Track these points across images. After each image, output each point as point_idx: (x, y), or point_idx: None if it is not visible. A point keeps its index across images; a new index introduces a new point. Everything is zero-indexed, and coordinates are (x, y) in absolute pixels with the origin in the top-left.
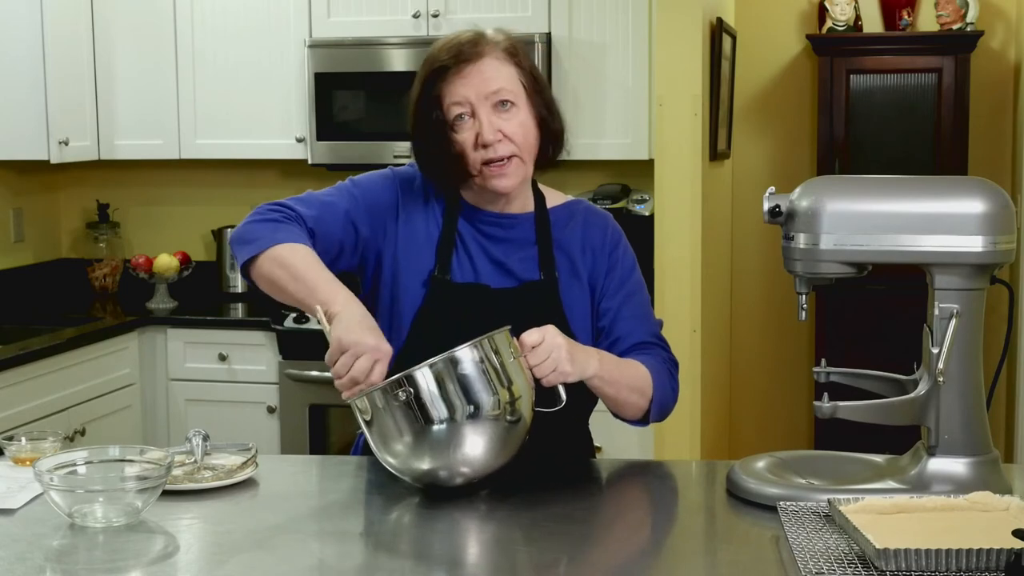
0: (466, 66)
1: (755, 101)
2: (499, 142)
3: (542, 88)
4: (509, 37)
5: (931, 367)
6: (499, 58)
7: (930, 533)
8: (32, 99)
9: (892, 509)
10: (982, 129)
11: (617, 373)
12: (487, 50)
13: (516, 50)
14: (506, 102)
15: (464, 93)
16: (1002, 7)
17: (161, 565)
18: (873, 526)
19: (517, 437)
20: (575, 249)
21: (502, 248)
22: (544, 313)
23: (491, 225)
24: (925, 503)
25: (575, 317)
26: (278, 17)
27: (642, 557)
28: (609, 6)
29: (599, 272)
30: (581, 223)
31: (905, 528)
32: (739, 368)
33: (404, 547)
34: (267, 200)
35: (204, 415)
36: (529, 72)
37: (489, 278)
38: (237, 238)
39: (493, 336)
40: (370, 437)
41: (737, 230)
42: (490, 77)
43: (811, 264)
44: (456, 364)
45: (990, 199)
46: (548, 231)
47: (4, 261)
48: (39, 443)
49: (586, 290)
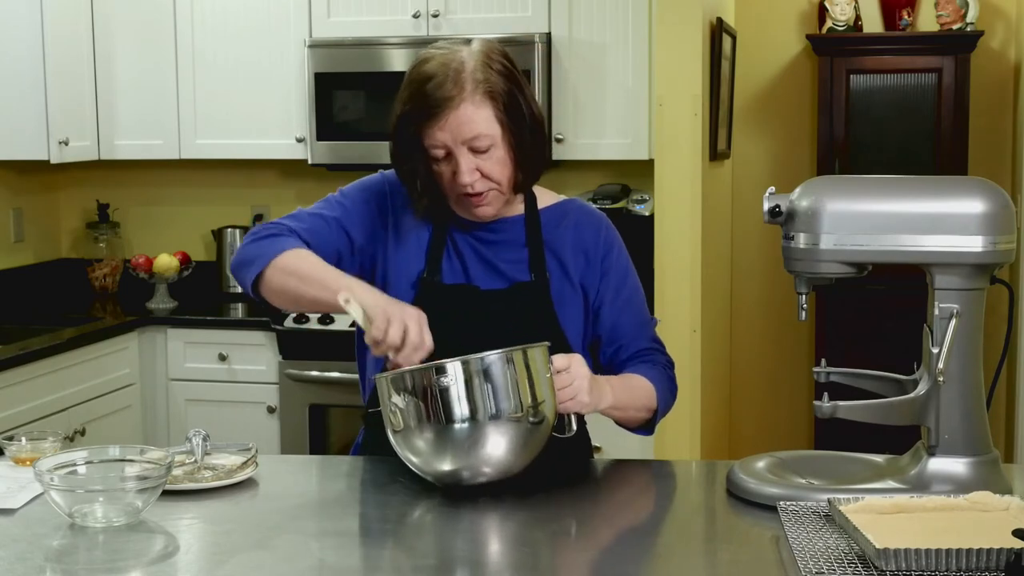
0: (443, 112)
1: (755, 101)
2: (477, 180)
3: (521, 118)
4: (487, 66)
5: (931, 367)
6: (476, 103)
7: (930, 533)
8: (32, 99)
9: (892, 509)
10: (982, 129)
11: (627, 399)
12: (466, 95)
13: (492, 85)
14: (482, 148)
15: (442, 138)
16: (1002, 7)
17: (161, 565)
18: (873, 526)
19: (539, 440)
20: (566, 250)
21: (492, 249)
22: (534, 314)
23: (481, 228)
24: (925, 503)
25: (565, 318)
26: (278, 17)
27: (642, 557)
28: (609, 6)
29: (592, 275)
30: (573, 223)
31: (905, 528)
32: (739, 368)
33: (404, 547)
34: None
35: (204, 415)
36: (510, 104)
37: (479, 279)
38: (238, 263)
39: (534, 347)
40: (394, 431)
41: (737, 230)
42: (467, 123)
43: (811, 264)
44: (496, 365)
45: (990, 199)
46: (539, 232)
47: (4, 261)
48: (39, 443)
49: (578, 292)
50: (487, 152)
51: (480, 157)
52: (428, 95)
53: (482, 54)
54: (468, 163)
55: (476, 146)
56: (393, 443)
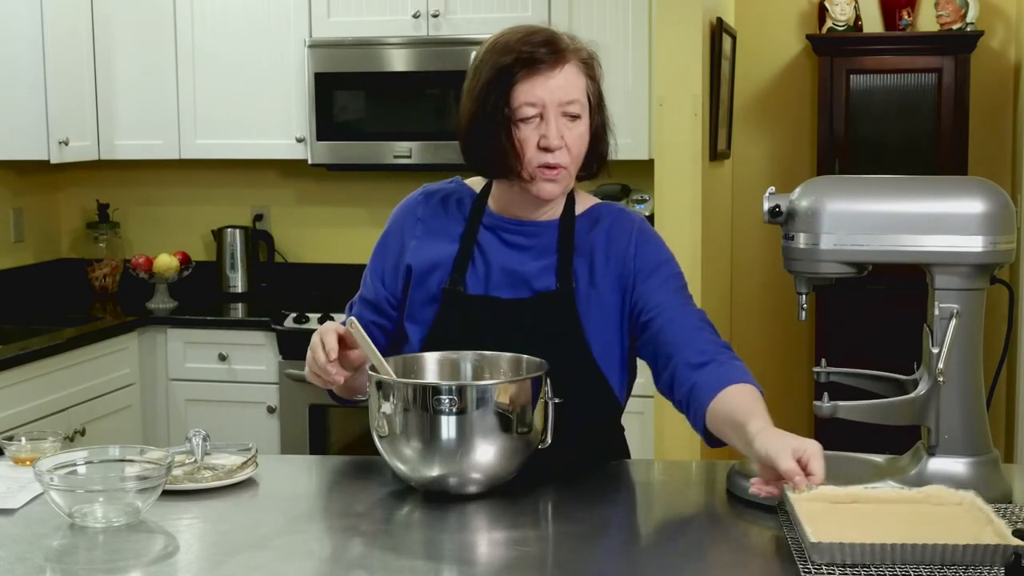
0: (547, 68)
1: (755, 101)
2: (560, 149)
3: (603, 104)
4: (588, 46)
5: (931, 367)
6: (577, 67)
7: (877, 525)
8: (32, 99)
9: (847, 499)
10: (982, 129)
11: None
12: (569, 56)
13: (592, 62)
14: (574, 113)
15: (540, 95)
16: (1002, 7)
17: (161, 565)
18: (821, 516)
19: (525, 452)
20: (598, 255)
21: (520, 257)
22: (557, 324)
23: (513, 233)
24: (879, 494)
25: (591, 327)
26: (278, 17)
27: (642, 557)
28: (609, 6)
29: (626, 275)
30: (607, 228)
31: (853, 520)
32: None
33: (405, 547)
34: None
35: (204, 415)
36: (597, 86)
37: (502, 289)
38: None
39: (530, 378)
40: (379, 436)
41: (737, 230)
42: (567, 86)
43: (811, 264)
44: (490, 393)
45: (990, 199)
46: (571, 238)
47: (4, 261)
48: (39, 443)
49: (612, 297)
50: (575, 122)
51: (568, 126)
52: (534, 51)
53: (581, 41)
54: (558, 127)
55: (569, 111)
56: (379, 446)
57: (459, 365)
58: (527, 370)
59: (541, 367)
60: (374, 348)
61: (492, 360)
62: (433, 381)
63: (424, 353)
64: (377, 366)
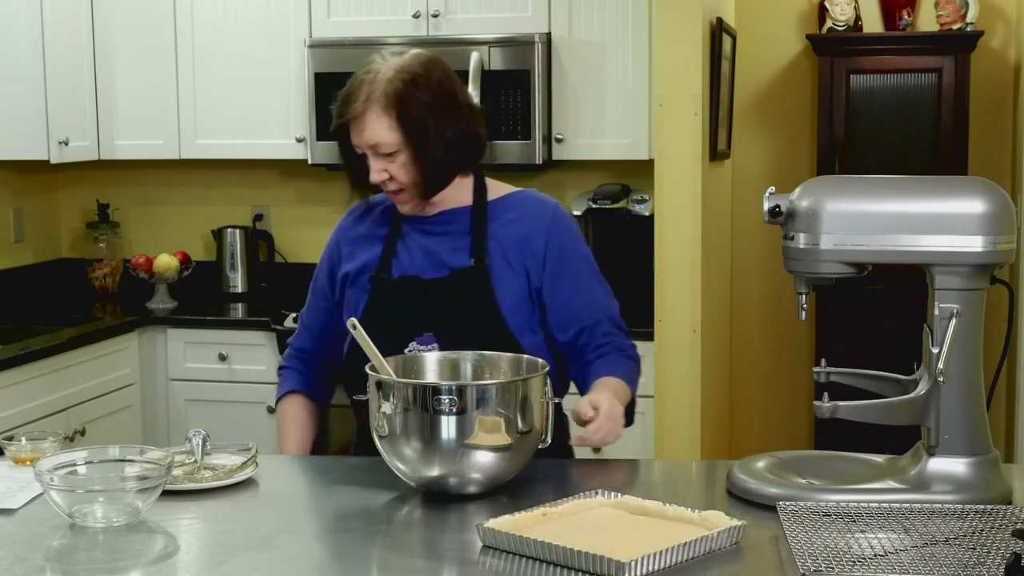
0: (355, 121)
1: (755, 101)
2: (386, 181)
3: (421, 125)
4: (399, 80)
5: (931, 367)
6: (377, 112)
7: (597, 531)
8: (32, 99)
9: (629, 508)
10: (982, 129)
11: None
12: (369, 106)
13: (395, 99)
14: (386, 152)
15: (356, 142)
16: (1002, 7)
17: (161, 565)
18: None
19: (527, 454)
20: (511, 239)
21: (438, 241)
22: (474, 298)
23: (430, 223)
24: (656, 509)
25: (506, 303)
26: (278, 17)
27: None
28: (609, 6)
29: (535, 260)
30: (519, 213)
31: (595, 525)
32: (739, 368)
33: (405, 546)
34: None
35: (204, 415)
36: (408, 115)
37: (423, 270)
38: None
39: (532, 378)
40: (379, 435)
41: (737, 230)
42: (369, 132)
43: (811, 264)
44: (491, 393)
45: (990, 199)
46: (484, 221)
47: (4, 261)
48: (39, 443)
49: (522, 278)
50: (391, 156)
51: (386, 160)
52: (342, 108)
53: (400, 68)
54: (376, 165)
55: (380, 152)
56: (379, 446)
57: (459, 365)
58: (527, 370)
59: (541, 367)
60: (374, 348)
61: (492, 360)
62: (433, 381)
63: (424, 353)
64: (377, 366)
